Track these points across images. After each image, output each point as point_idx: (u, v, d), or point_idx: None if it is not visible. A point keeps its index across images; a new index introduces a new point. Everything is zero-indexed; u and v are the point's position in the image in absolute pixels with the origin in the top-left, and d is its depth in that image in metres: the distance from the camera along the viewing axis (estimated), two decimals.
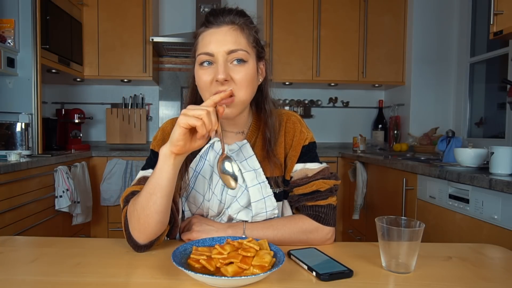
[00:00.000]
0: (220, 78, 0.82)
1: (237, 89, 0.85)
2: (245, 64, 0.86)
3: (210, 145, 0.95)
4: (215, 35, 0.86)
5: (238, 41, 0.85)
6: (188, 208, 0.96)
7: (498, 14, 1.80)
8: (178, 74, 3.51)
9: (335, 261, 0.74)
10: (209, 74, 0.85)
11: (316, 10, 3.20)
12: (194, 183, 0.94)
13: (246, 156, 0.93)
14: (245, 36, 0.87)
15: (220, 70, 0.83)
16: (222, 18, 0.86)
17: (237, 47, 0.85)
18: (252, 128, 0.98)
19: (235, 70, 0.85)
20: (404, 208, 2.03)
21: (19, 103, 2.31)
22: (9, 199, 1.78)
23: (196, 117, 0.71)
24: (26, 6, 2.28)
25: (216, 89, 0.84)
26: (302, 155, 0.96)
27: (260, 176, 0.92)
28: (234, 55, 0.85)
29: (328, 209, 0.92)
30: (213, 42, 0.85)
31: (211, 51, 0.84)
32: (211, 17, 0.87)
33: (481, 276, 0.71)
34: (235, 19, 0.87)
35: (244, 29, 0.88)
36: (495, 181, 1.35)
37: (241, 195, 0.91)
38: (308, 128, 1.00)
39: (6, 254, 0.80)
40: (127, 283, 0.66)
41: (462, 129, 3.04)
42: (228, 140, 0.96)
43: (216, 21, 0.86)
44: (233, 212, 0.92)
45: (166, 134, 0.98)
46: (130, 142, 3.37)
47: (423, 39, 3.18)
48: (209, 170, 0.94)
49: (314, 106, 3.64)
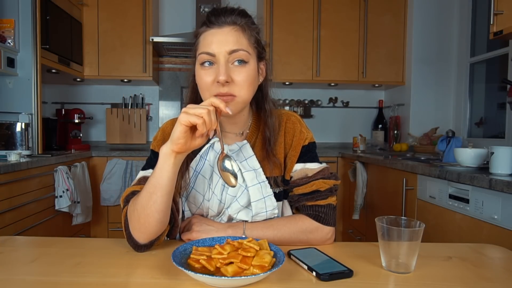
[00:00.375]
0: (221, 80, 0.82)
1: (237, 89, 0.85)
2: (246, 65, 0.86)
3: (210, 145, 0.95)
4: (217, 35, 0.85)
5: (239, 41, 0.85)
6: (188, 208, 0.96)
7: (498, 14, 1.80)
8: (178, 74, 3.51)
9: (335, 261, 0.74)
10: (210, 75, 0.85)
11: (316, 10, 3.20)
12: (194, 182, 0.94)
13: (246, 156, 0.93)
14: (246, 37, 0.87)
15: (221, 71, 0.83)
16: (224, 18, 0.86)
17: (239, 47, 0.85)
18: (252, 128, 0.98)
19: (236, 71, 0.85)
20: (404, 208, 2.03)
21: (19, 103, 2.31)
22: (9, 199, 1.78)
23: (197, 115, 0.72)
24: (26, 6, 2.28)
25: (217, 90, 0.84)
26: (302, 155, 0.96)
27: (260, 176, 0.92)
28: (235, 55, 0.85)
29: (328, 209, 0.92)
30: (214, 42, 0.85)
31: (212, 51, 0.84)
32: (212, 17, 0.87)
33: (481, 276, 0.71)
34: (236, 19, 0.87)
35: (246, 29, 0.88)
36: (495, 181, 1.35)
37: (241, 194, 0.91)
38: (308, 128, 1.00)
39: (6, 254, 0.80)
40: (127, 283, 0.66)
41: (462, 129, 3.04)
42: (228, 140, 0.97)
43: (218, 21, 0.86)
44: (233, 212, 0.92)
45: (166, 134, 0.98)
46: (130, 142, 3.37)
47: (423, 39, 3.18)
48: (209, 170, 0.94)
49: (314, 106, 3.64)
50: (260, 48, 0.92)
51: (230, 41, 0.85)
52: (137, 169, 2.83)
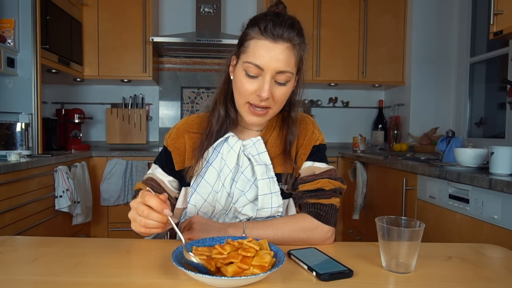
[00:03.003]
0: (264, 97, 0.85)
1: (273, 104, 0.89)
2: (286, 83, 0.88)
3: (224, 139, 0.97)
4: (270, 51, 0.85)
5: (289, 62, 0.86)
6: (194, 202, 0.96)
7: (498, 14, 1.80)
8: (178, 74, 3.51)
9: (335, 261, 0.74)
10: (253, 85, 0.87)
11: (316, 10, 3.20)
12: (205, 173, 0.96)
13: (259, 151, 0.96)
14: (295, 57, 0.88)
15: (265, 88, 0.85)
16: (281, 32, 0.85)
17: (286, 68, 0.86)
18: (268, 126, 1.01)
19: (277, 88, 0.88)
20: (404, 208, 2.03)
21: (19, 103, 2.31)
22: (9, 199, 1.78)
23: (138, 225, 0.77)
24: (26, 6, 2.27)
25: (256, 101, 0.88)
26: (311, 154, 0.99)
27: (270, 171, 0.94)
28: (281, 76, 0.86)
29: (330, 208, 0.92)
30: (266, 57, 0.84)
31: (262, 66, 0.85)
32: (270, 26, 0.85)
33: (481, 276, 0.71)
34: (293, 37, 0.86)
35: (297, 49, 0.88)
36: (495, 181, 1.35)
37: (249, 189, 0.94)
38: (320, 131, 1.03)
39: (6, 254, 0.80)
40: (127, 283, 0.66)
41: (462, 129, 3.04)
42: (244, 136, 1.00)
43: (274, 34, 0.85)
44: (239, 206, 0.93)
45: (180, 132, 1.02)
46: (130, 142, 3.37)
47: (423, 39, 3.18)
48: (221, 162, 0.96)
49: (314, 106, 3.64)
50: (302, 65, 0.93)
51: (281, 60, 0.85)
52: (137, 169, 2.83)
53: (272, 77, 0.86)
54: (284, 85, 0.88)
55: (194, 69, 3.51)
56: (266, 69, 0.85)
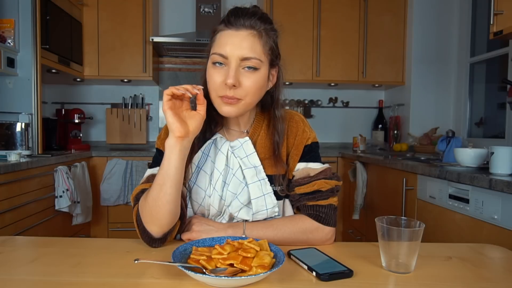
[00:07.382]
0: (229, 83, 0.83)
1: (243, 94, 0.86)
2: (256, 71, 0.87)
3: (212, 141, 0.96)
4: (232, 38, 0.85)
5: (253, 48, 0.85)
6: (190, 206, 0.96)
7: (498, 14, 1.80)
8: (178, 74, 3.51)
9: (335, 261, 0.74)
10: (220, 75, 0.86)
11: (316, 10, 3.20)
12: (196, 178, 0.95)
13: (247, 153, 0.94)
14: (261, 43, 0.87)
15: (230, 74, 0.84)
16: (243, 20, 0.86)
17: (251, 55, 0.85)
18: (254, 126, 0.99)
19: (246, 76, 0.86)
20: (404, 208, 2.03)
21: (19, 103, 2.31)
22: (9, 199, 1.78)
23: (171, 89, 0.79)
24: (26, 6, 2.27)
25: (224, 91, 0.85)
26: (304, 154, 0.97)
27: (260, 173, 0.93)
28: (247, 62, 0.85)
29: (329, 209, 0.92)
30: (229, 44, 0.85)
31: (225, 54, 0.85)
32: (232, 17, 0.87)
33: (481, 276, 0.71)
34: (255, 24, 0.86)
35: (263, 36, 0.87)
36: (495, 181, 1.35)
37: (241, 191, 0.92)
38: (311, 128, 1.01)
39: (6, 254, 0.80)
40: (127, 283, 0.66)
41: (462, 129, 3.04)
42: (231, 137, 0.98)
43: (236, 23, 0.86)
44: (233, 211, 0.92)
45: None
46: (130, 142, 3.37)
47: (423, 39, 3.18)
48: (210, 165, 0.95)
49: (314, 106, 3.64)
50: (274, 55, 0.92)
51: (244, 47, 0.85)
52: (137, 169, 2.83)
53: (238, 64, 0.85)
54: (253, 72, 0.86)
55: (194, 69, 3.51)
56: (230, 56, 0.84)
